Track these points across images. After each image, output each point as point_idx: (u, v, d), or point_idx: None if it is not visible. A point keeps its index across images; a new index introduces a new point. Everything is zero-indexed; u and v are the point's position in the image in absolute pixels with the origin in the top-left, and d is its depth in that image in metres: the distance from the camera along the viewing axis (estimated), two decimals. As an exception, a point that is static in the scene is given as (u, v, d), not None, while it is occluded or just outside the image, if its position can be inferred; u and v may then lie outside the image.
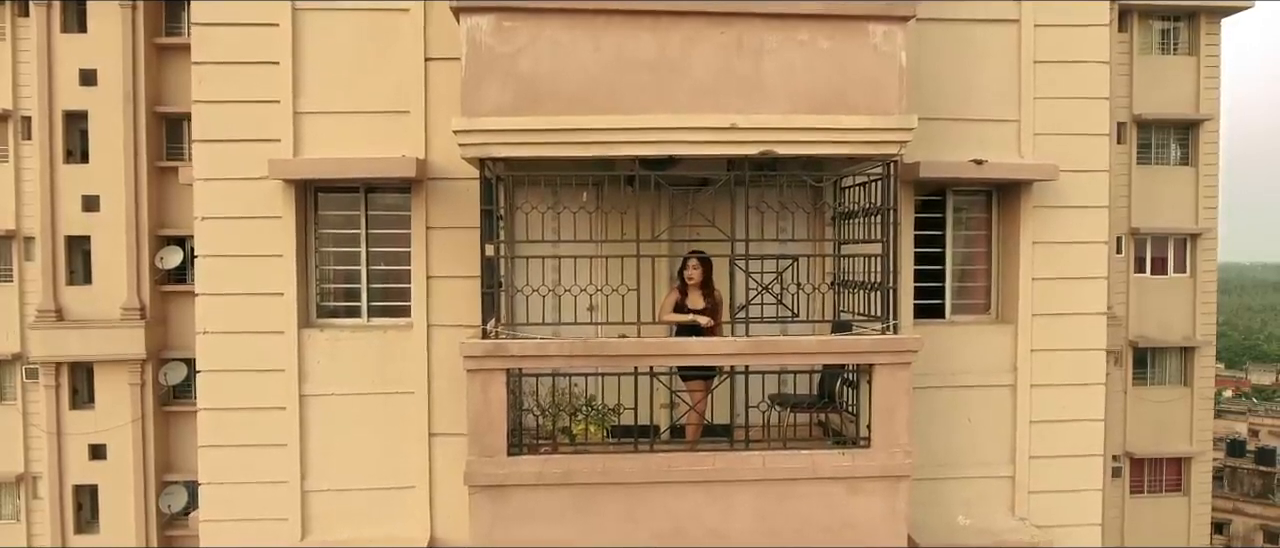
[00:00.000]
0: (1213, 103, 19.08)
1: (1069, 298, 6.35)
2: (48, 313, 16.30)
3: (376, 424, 6.06)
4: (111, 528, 16.70)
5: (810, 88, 4.95)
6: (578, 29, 4.80)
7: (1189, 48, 19.04)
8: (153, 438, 16.69)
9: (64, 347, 16.27)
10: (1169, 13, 18.83)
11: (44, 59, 16.19)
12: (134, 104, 16.31)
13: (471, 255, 5.69)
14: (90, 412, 16.66)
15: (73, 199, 16.42)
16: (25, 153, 16.84)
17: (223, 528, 5.98)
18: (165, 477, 17.00)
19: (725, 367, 5.33)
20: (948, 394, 6.35)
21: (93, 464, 16.63)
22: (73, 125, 16.64)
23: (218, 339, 5.96)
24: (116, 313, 16.43)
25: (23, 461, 17.09)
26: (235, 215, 5.93)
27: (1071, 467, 6.42)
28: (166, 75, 16.98)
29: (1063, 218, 6.31)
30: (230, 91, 5.92)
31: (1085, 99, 6.34)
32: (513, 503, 4.95)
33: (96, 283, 16.57)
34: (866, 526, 5.15)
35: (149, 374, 16.62)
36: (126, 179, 16.34)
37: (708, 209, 5.43)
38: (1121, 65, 18.36)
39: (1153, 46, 19.04)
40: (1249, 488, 46.26)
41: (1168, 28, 19.06)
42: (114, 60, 16.26)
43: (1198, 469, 19.18)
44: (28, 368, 16.89)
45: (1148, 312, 18.72)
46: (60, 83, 16.30)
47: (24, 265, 16.99)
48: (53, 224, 16.35)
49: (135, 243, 16.44)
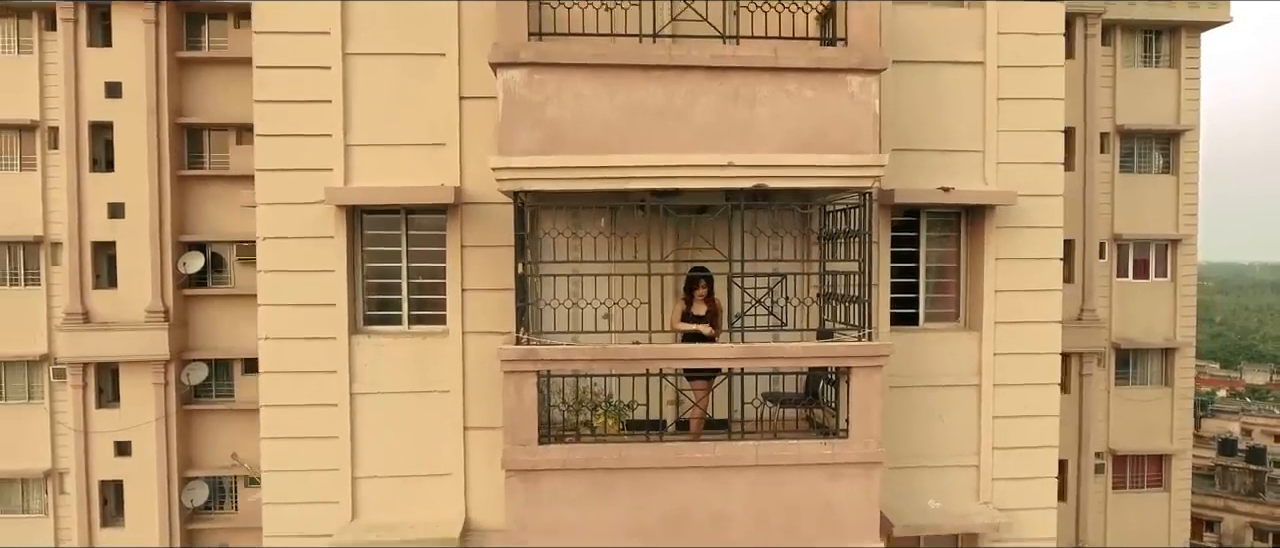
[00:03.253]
0: (1193, 114, 19.92)
1: (1027, 308, 7.23)
2: (75, 315, 17.11)
3: (417, 419, 6.93)
4: (136, 522, 17.53)
5: (797, 130, 5.82)
6: (597, 81, 5.67)
7: (1170, 61, 19.88)
8: (175, 435, 17.52)
9: (91, 348, 17.07)
10: (1151, 27, 19.68)
11: (71, 72, 16.98)
12: (157, 115, 17.11)
13: (500, 271, 6.59)
14: (115, 410, 17.47)
15: (99, 206, 17.21)
16: (52, 162, 17.67)
17: (283, 511, 6.85)
18: (187, 473, 17.85)
19: (724, 369, 6.20)
20: (921, 393, 7.24)
21: (118, 461, 17.44)
22: (98, 135, 17.42)
23: (277, 344, 6.83)
24: (141, 316, 17.25)
25: (51, 457, 17.93)
26: (293, 235, 6.80)
27: (1029, 457, 7.31)
28: (187, 88, 17.80)
29: (1022, 237, 7.19)
30: (288, 126, 6.80)
31: (1041, 132, 7.22)
32: (543, 486, 5.82)
33: (121, 287, 17.37)
34: (844, 506, 6.03)
35: (172, 374, 17.44)
36: (150, 187, 17.14)
37: (708, 233, 6.32)
38: (1105, 78, 19.24)
39: (1135, 60, 19.87)
40: (1240, 486, 47.18)
41: (1150, 42, 19.91)
42: (138, 73, 17.05)
43: (1178, 466, 20.06)
44: (55, 368, 17.71)
45: (1130, 314, 19.57)
46: (86, 95, 17.09)
47: (51, 270, 17.82)
48: (80, 230, 17.15)
49: (159, 248, 17.24)
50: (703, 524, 5.90)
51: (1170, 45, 19.90)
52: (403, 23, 6.80)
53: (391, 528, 6.83)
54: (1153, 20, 19.49)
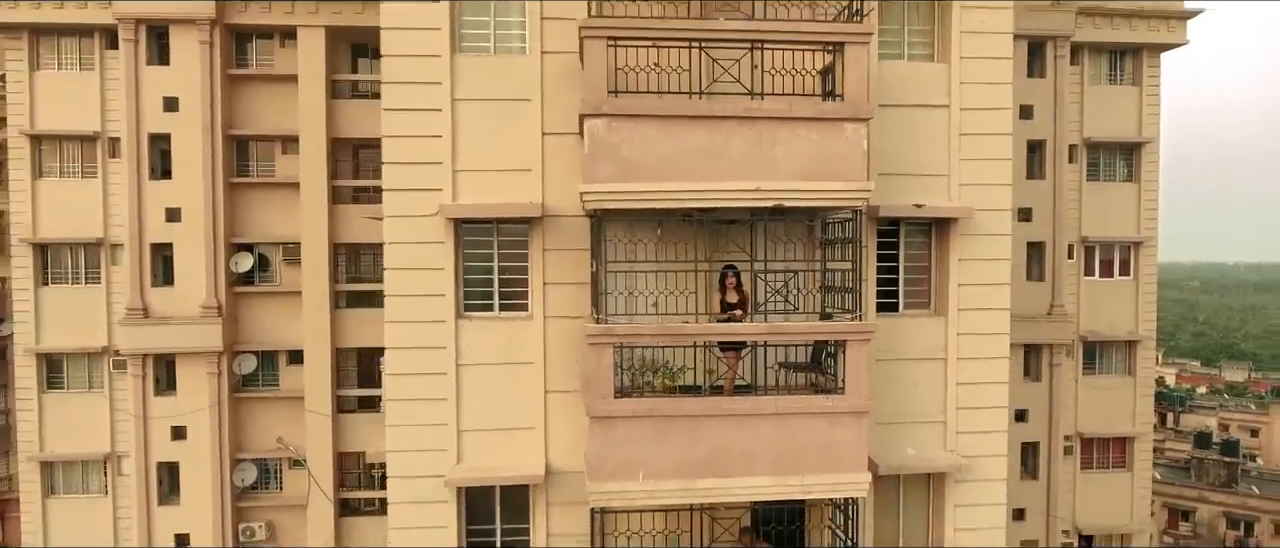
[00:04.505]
0: (1153, 127, 22.24)
1: (983, 298, 9.40)
2: (136, 311, 18.98)
3: (507, 385, 9.01)
4: (190, 500, 19.40)
5: (806, 163, 7.95)
6: (658, 127, 7.77)
7: (1133, 79, 22.19)
8: (227, 421, 19.43)
9: (152, 341, 18.93)
10: (1115, 48, 21.96)
11: (132, 88, 18.83)
12: (211, 127, 19.02)
13: (572, 269, 8.71)
14: (172, 398, 19.34)
15: (157, 211, 19.09)
16: (112, 170, 19.55)
17: (404, 457, 8.92)
18: (237, 455, 19.76)
19: (750, 342, 8.31)
20: (901, 365, 9.40)
21: (174, 444, 19.30)
22: (155, 146, 19.29)
23: (400, 327, 8.89)
24: (196, 311, 19.15)
25: (110, 442, 19.81)
26: (412, 241, 8.86)
27: (985, 416, 9.49)
28: (237, 102, 19.72)
29: (978, 242, 9.36)
30: (409, 156, 8.85)
31: (993, 160, 9.39)
32: (616, 430, 7.91)
33: (177, 284, 19.22)
34: (841, 446, 8.16)
35: (224, 365, 19.36)
36: (205, 193, 19.04)
37: (737, 239, 8.44)
38: (1073, 93, 21.52)
39: (1101, 78, 22.16)
40: (1214, 478, 49.93)
41: (1114, 61, 22.21)
42: (193, 89, 18.94)
43: (1140, 448, 22.37)
44: (115, 359, 19.59)
45: (1096, 310, 21.86)
46: (146, 109, 18.96)
47: (110, 269, 19.70)
48: (140, 233, 19.00)
49: (213, 249, 19.14)
50: (735, 458, 8.00)
51: (1132, 65, 22.20)
52: (497, 75, 8.88)
53: (489, 470, 8.91)
54: (1116, 42, 21.75)
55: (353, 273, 20.52)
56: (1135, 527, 22.25)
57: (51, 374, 19.99)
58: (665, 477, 7.92)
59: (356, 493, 20.45)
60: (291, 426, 20.07)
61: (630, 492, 7.86)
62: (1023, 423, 20.83)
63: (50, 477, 20.00)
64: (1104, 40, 21.61)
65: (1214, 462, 50.37)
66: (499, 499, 9.24)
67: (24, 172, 19.42)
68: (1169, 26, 21.94)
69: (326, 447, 19.77)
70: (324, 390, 19.68)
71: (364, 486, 20.59)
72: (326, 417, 19.74)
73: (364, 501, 20.66)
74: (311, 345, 19.66)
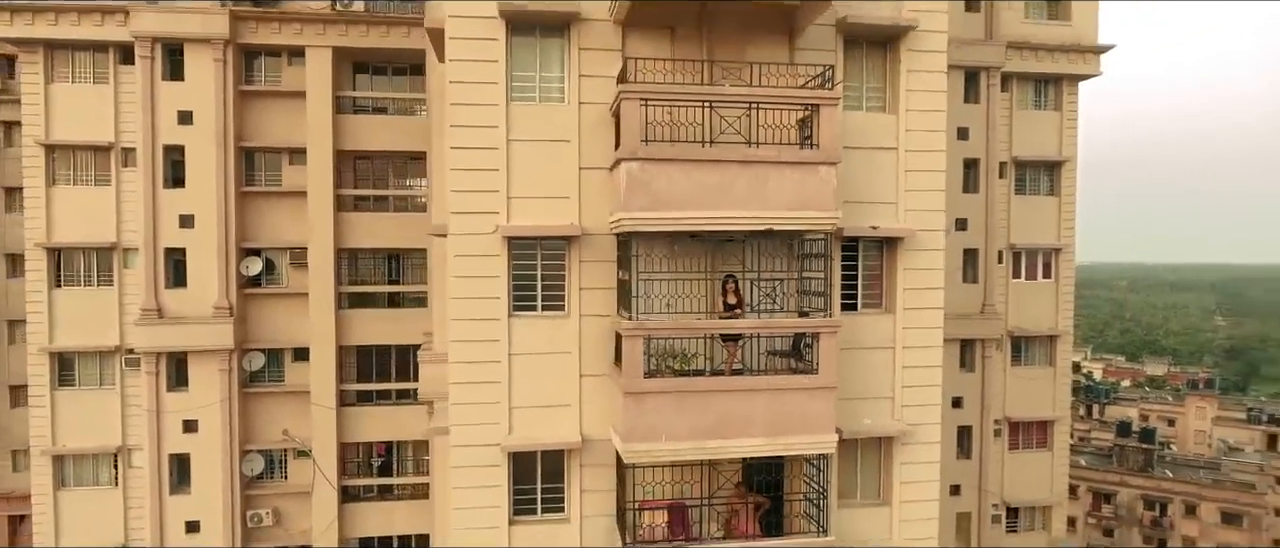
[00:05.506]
0: (1072, 147, 25.75)
1: (922, 300, 12.16)
2: (150, 311, 20.51)
3: (549, 370, 11.34)
4: (200, 489, 21.01)
5: (790, 197, 10.51)
6: (681, 169, 10.23)
7: (1054, 105, 25.66)
8: (237, 415, 21.11)
9: (167, 339, 20.48)
10: (1039, 78, 25.38)
11: (148, 102, 20.36)
12: (224, 139, 20.69)
13: (602, 277, 11.12)
14: (184, 394, 20.92)
15: (171, 217, 20.65)
16: (124, 178, 21.01)
17: (465, 429, 11.16)
18: (246, 446, 21.46)
19: (746, 334, 10.84)
20: (860, 353, 12.06)
21: (186, 437, 20.89)
22: (168, 156, 20.81)
23: (463, 323, 11.13)
24: (208, 312, 20.79)
25: (121, 436, 21.26)
26: (474, 254, 11.11)
27: (923, 393, 12.24)
28: (247, 116, 21.41)
29: (918, 255, 12.10)
30: (471, 186, 11.10)
31: (930, 191, 12.15)
32: (646, 403, 10.34)
33: (190, 287, 20.81)
34: (814, 414, 10.74)
35: (234, 362, 21.04)
36: (218, 201, 20.70)
37: (736, 254, 10.97)
38: (1004, 117, 24.84)
39: (1028, 104, 25.57)
40: (1134, 463, 55.03)
41: (1039, 89, 25.62)
42: (207, 103, 20.59)
43: (1058, 430, 25.88)
44: (128, 358, 21.06)
45: (1022, 309, 25.25)
46: (161, 121, 20.50)
47: (123, 272, 21.15)
48: (155, 238, 20.55)
49: (225, 254, 20.82)
50: (735, 424, 10.52)
51: (1054, 93, 25.67)
52: (543, 121, 11.21)
53: (535, 439, 11.24)
54: (1041, 72, 25.17)
55: (354, 276, 22.40)
56: (1054, 499, 25.76)
57: (63, 372, 21.34)
58: (682, 439, 10.39)
59: (357, 480, 22.36)
60: (296, 419, 21.89)
61: (656, 451, 10.31)
62: (958, 409, 24.05)
63: (61, 470, 21.34)
64: (1030, 71, 25.01)
65: (1134, 449, 55.48)
66: (540, 463, 11.57)
67: (38, 179, 20.74)
68: (1085, 60, 25.47)
69: (331, 438, 21.66)
70: (329, 385, 21.57)
71: (363, 473, 22.53)
72: (331, 410, 21.60)
73: (363, 488, 22.58)
74: (317, 343, 21.52)
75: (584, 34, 11.26)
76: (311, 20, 21.06)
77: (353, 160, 22.27)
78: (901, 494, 12.35)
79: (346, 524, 22.03)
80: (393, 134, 22.15)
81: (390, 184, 22.65)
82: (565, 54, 11.34)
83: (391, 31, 21.47)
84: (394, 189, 22.62)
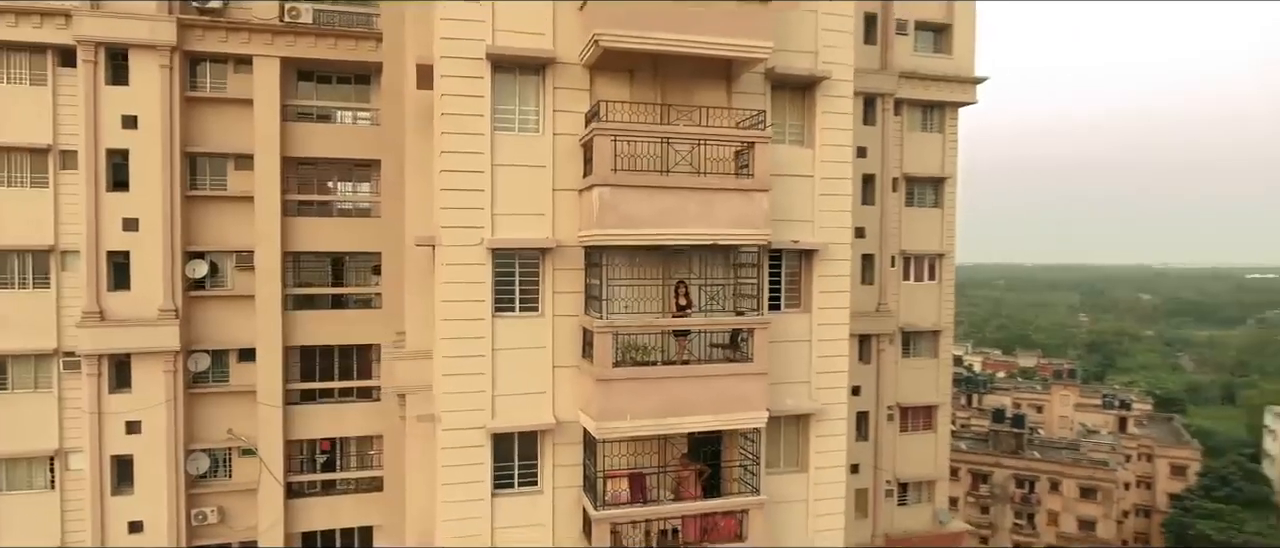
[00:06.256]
0: (953, 165, 29.74)
1: (832, 301, 14.95)
2: (93, 314, 20.90)
3: (526, 363, 13.38)
4: (144, 489, 21.52)
5: (731, 217, 13.00)
6: (644, 194, 12.51)
7: (939, 128, 29.57)
8: (182, 415, 21.78)
9: (109, 342, 20.90)
10: (926, 104, 29.21)
11: (90, 106, 20.75)
12: (171, 144, 21.33)
13: (572, 282, 13.27)
14: (127, 395, 21.39)
15: (114, 221, 21.09)
16: (64, 181, 21.28)
17: (454, 415, 13.03)
18: (191, 446, 22.14)
19: (694, 330, 13.26)
20: (784, 346, 14.72)
21: (129, 438, 21.36)
22: (110, 159, 21.21)
23: (452, 322, 13.00)
24: (153, 314, 21.37)
25: (58, 439, 21.48)
26: (461, 263, 13.00)
27: (834, 378, 15.05)
28: (192, 121, 22.09)
29: (830, 264, 14.89)
30: (461, 204, 12.99)
31: (839, 211, 14.96)
32: (614, 388, 12.56)
33: (134, 289, 21.30)
34: (749, 395, 13.28)
35: (180, 363, 21.70)
36: (164, 205, 21.31)
37: (686, 264, 13.37)
38: (897, 138, 28.49)
39: (917, 126, 29.37)
40: (1007, 447, 61.52)
41: (926, 114, 29.46)
42: (153, 108, 21.16)
43: (941, 414, 29.86)
44: (68, 360, 21.31)
45: (911, 307, 29.01)
46: (104, 125, 20.93)
47: (61, 275, 21.39)
48: (97, 241, 20.95)
49: (171, 257, 21.46)
50: (686, 404, 12.91)
51: (938, 117, 29.58)
52: (522, 148, 13.24)
53: (515, 421, 13.26)
54: (927, 99, 28.97)
55: (299, 279, 23.43)
56: (938, 474, 29.71)
57: (-6, 376, 21.30)
58: (643, 417, 12.68)
59: (302, 476, 23.42)
60: (241, 418, 22.76)
61: (622, 427, 12.56)
62: (857, 397, 27.48)
63: (-8, 475, 21.29)
64: (918, 98, 28.75)
65: (1007, 433, 62.03)
66: (517, 443, 13.58)
67: (-30, 181, 20.67)
68: (964, 89, 29.50)
69: (277, 436, 22.68)
70: (276, 385, 22.59)
71: (308, 470, 23.60)
72: (277, 409, 22.62)
73: (308, 484, 23.67)
74: (264, 344, 22.49)
75: (557, 75, 13.37)
76: (260, 30, 21.99)
77: (297, 166, 23.28)
78: (816, 462, 15.12)
79: (292, 520, 23.05)
80: (338, 142, 23.35)
81: (335, 189, 23.78)
82: (541, 91, 13.41)
83: (340, 43, 22.67)
84: (338, 195, 23.77)
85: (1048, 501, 59.47)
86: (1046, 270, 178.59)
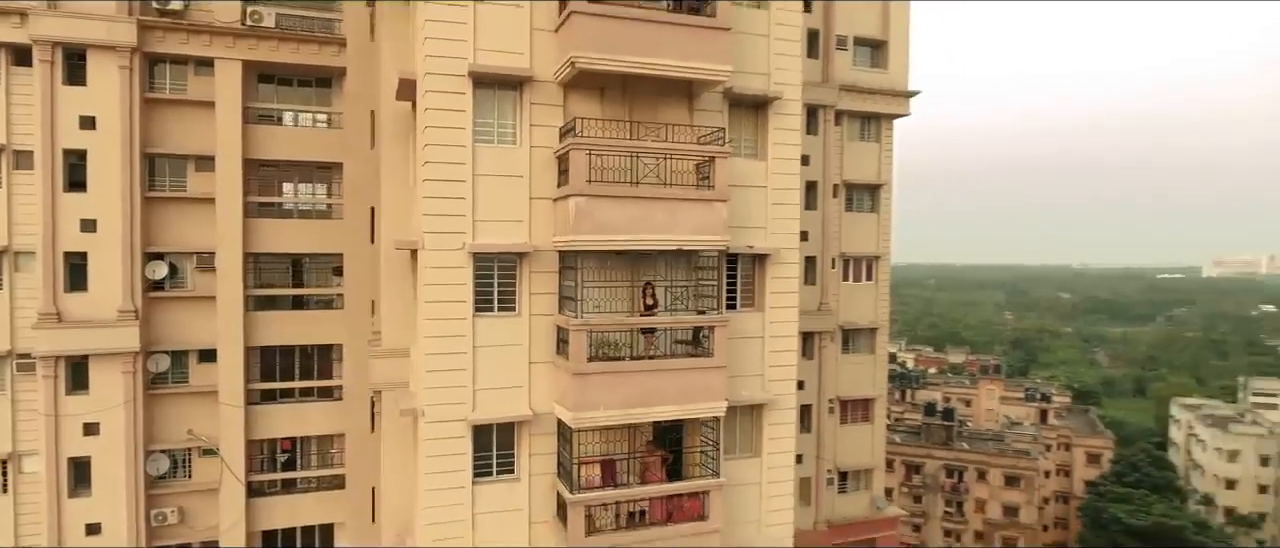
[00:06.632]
0: (888, 173, 31.93)
1: (782, 300, 16.53)
2: (49, 316, 20.95)
3: (505, 359, 14.49)
4: (102, 490, 21.65)
5: (694, 225, 14.40)
6: (613, 203, 13.79)
7: (876, 138, 31.71)
8: (141, 416, 21.98)
9: (67, 343, 20.98)
10: (864, 116, 31.30)
11: (47, 106, 20.80)
12: (130, 145, 21.53)
13: (547, 283, 14.47)
14: (84, 396, 21.48)
15: (71, 222, 21.18)
16: (17, 181, 21.24)
17: (438, 407, 14.06)
18: (150, 447, 22.35)
19: (660, 328, 14.60)
20: (740, 342, 16.21)
21: (86, 439, 21.46)
22: (66, 159, 21.27)
23: (436, 322, 14.02)
24: (112, 315, 21.53)
25: (11, 442, 21.42)
26: (445, 267, 14.03)
27: (784, 371, 16.63)
28: (152, 123, 22.30)
29: (781, 267, 16.46)
30: (444, 211, 14.02)
31: (789, 219, 16.54)
32: (588, 381, 13.81)
33: (92, 290, 21.42)
34: (710, 387, 14.70)
35: (139, 364, 21.90)
36: (123, 206, 21.50)
37: (652, 266, 14.72)
38: (837, 147, 30.47)
39: (856, 136, 31.43)
40: (938, 439, 64.98)
41: (864, 125, 31.55)
42: (112, 109, 21.33)
43: (878, 406, 32.03)
44: (21, 361, 21.26)
45: (850, 306, 31.06)
46: (61, 125, 21.00)
47: (14, 276, 21.33)
48: (53, 242, 21.00)
49: (130, 258, 21.65)
50: (653, 395, 14.24)
51: (876, 128, 31.71)
52: (500, 159, 14.35)
53: (494, 413, 14.36)
54: (865, 111, 31.06)
55: (260, 280, 23.83)
56: (875, 463, 31.86)
57: (-58, 379, 21.11)
58: (614, 407, 13.96)
59: (263, 476, 23.85)
60: (202, 419, 23.09)
61: (596, 417, 13.81)
62: (801, 390, 29.29)
63: (-59, 479, 21.10)
64: (857, 109, 30.81)
65: (938, 426, 65.51)
66: (495, 433, 14.68)
67: (-82, 180, 20.46)
68: (899, 102, 31.71)
69: (239, 435, 23.09)
70: (237, 385, 22.98)
71: (268, 469, 24.04)
72: (239, 409, 23.03)
73: (268, 483, 24.10)
74: (226, 345, 22.88)
75: (534, 92, 14.53)
76: (222, 33, 22.36)
77: (258, 167, 23.67)
78: (768, 448, 16.67)
79: (253, 519, 23.46)
80: (300, 144, 23.85)
81: (296, 191, 24.27)
82: (518, 107, 14.54)
83: (302, 48, 23.20)
84: (300, 197, 24.26)
85: (975, 489, 63.14)
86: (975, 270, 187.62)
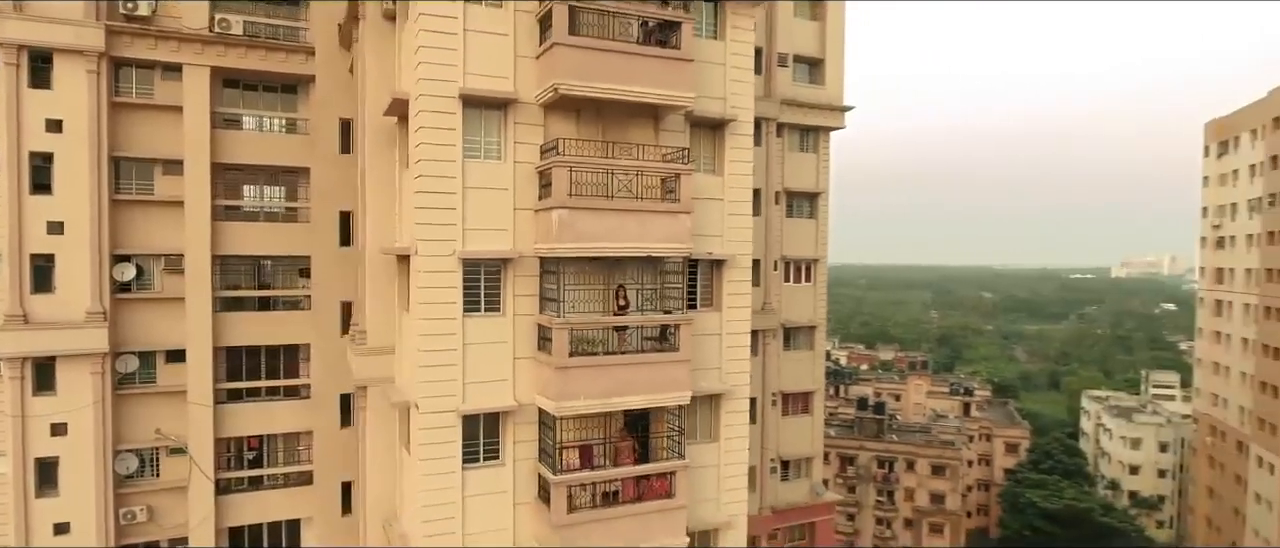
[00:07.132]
0: (826, 181, 34.57)
1: (737, 301, 18.61)
2: (15, 318, 21.32)
3: (492, 355, 16.09)
4: (69, 490, 22.09)
5: (663, 234, 16.30)
6: (593, 214, 15.57)
7: (814, 149, 34.28)
8: (110, 416, 22.52)
9: (34, 345, 21.38)
10: (803, 128, 33.83)
11: (12, 109, 21.18)
12: (97, 148, 22.05)
13: (530, 286, 16.21)
14: (51, 397, 21.89)
15: (38, 224, 21.58)
16: (-18, 183, 21.49)
17: (430, 400, 15.55)
18: (119, 446, 22.89)
19: (632, 326, 16.45)
20: (702, 338, 18.20)
21: (54, 440, 21.88)
22: (32, 162, 21.64)
23: (429, 321, 15.51)
24: (79, 317, 22.02)
25: (-25, 443, 21.65)
26: (438, 271, 15.53)
27: (739, 364, 18.72)
28: (119, 126, 22.83)
29: (736, 272, 18.54)
30: (435, 220, 15.52)
31: (742, 228, 18.62)
32: (570, 374, 15.54)
33: (59, 292, 21.84)
34: (676, 378, 16.64)
35: (108, 365, 22.44)
36: (91, 208, 22.01)
37: (624, 271, 16.56)
38: (779, 157, 32.88)
39: (796, 147, 33.92)
40: (870, 431, 68.74)
41: (804, 137, 34.07)
42: (80, 113, 21.82)
43: (816, 399, 34.63)
44: (-14, 364, 21.53)
45: (791, 306, 33.54)
46: (27, 128, 21.39)
47: (-22, 278, 21.58)
48: (20, 244, 21.37)
49: (97, 260, 22.17)
50: (626, 386, 16.07)
51: (814, 139, 34.28)
52: (487, 173, 15.94)
53: (482, 405, 15.94)
54: (804, 124, 33.57)
55: (227, 281, 24.60)
56: (814, 452, 34.46)
57: (-98, 382, 21.21)
58: (593, 398, 15.73)
59: (232, 473, 24.63)
60: (170, 418, 23.76)
61: (577, 406, 15.56)
62: (747, 385, 31.60)
63: (-100, 483, 21.22)
64: (797, 122, 33.28)
65: (869, 420, 69.29)
66: (482, 423, 16.25)
67: (-122, 182, 20.56)
68: (835, 116, 34.36)
69: (207, 434, 23.86)
70: (206, 384, 23.74)
71: (236, 467, 24.82)
72: (208, 408, 23.80)
73: (236, 480, 24.88)
74: (194, 345, 23.62)
75: (517, 112, 16.17)
76: (190, 39, 23.07)
77: (224, 171, 24.41)
78: (726, 433, 18.72)
79: (222, 515, 24.22)
80: (267, 149, 24.70)
81: (263, 195, 25.09)
82: (503, 126, 16.16)
83: (270, 56, 24.09)
84: (266, 200, 25.09)
85: (905, 479, 67.19)
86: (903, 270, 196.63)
